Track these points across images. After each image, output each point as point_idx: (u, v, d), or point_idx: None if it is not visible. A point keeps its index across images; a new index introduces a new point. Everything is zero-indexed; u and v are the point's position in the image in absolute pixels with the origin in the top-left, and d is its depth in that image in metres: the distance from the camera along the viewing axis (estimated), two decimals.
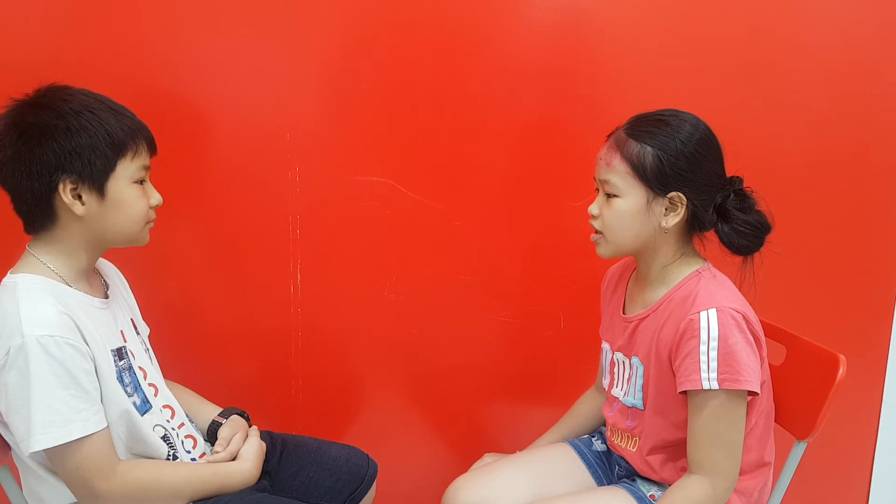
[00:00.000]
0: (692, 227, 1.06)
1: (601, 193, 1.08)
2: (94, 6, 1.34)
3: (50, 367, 0.88)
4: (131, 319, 1.12)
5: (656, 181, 1.02)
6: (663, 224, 1.04)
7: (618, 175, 1.03)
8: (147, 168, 1.01)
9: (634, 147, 1.02)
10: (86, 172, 0.94)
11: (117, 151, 0.96)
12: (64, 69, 1.28)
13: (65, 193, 0.94)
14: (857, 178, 1.58)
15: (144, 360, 1.08)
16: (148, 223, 1.03)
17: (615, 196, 1.04)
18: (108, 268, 1.14)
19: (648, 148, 1.02)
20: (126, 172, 0.97)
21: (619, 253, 1.09)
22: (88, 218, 0.96)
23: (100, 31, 1.35)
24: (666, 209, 1.03)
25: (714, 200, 1.04)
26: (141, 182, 1.00)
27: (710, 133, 1.04)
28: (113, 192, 0.96)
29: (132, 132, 0.97)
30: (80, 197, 0.95)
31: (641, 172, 1.02)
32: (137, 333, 1.11)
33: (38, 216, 0.97)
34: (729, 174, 1.07)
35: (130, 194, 0.98)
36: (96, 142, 0.94)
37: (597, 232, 1.08)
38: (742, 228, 1.03)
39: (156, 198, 1.03)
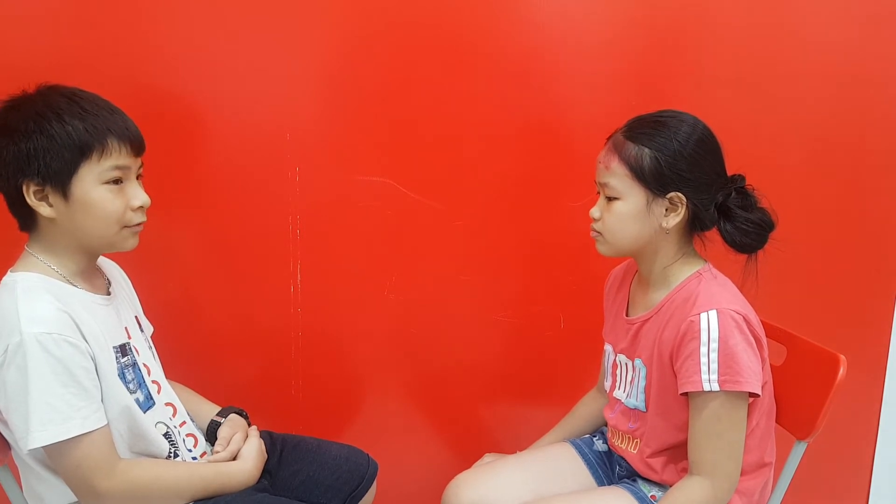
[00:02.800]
0: (693, 226, 1.06)
1: (602, 196, 1.08)
2: (94, 6, 1.34)
3: (48, 365, 0.88)
4: (135, 317, 1.12)
5: (655, 182, 1.02)
6: (664, 224, 1.04)
7: (617, 178, 1.04)
8: (123, 168, 0.97)
9: (632, 149, 1.03)
10: (46, 175, 0.93)
11: (78, 153, 0.94)
12: (64, 69, 1.28)
13: (28, 195, 0.94)
14: (857, 177, 1.58)
15: (148, 358, 1.08)
16: (127, 226, 0.99)
17: (615, 199, 1.04)
18: (110, 266, 1.14)
19: (646, 150, 1.02)
20: (92, 174, 0.95)
21: (620, 252, 1.09)
22: (59, 220, 0.96)
23: (100, 31, 1.35)
24: (666, 210, 1.03)
25: (715, 199, 1.04)
26: (117, 182, 0.97)
27: (708, 133, 1.04)
28: (78, 194, 0.94)
29: (99, 133, 0.94)
30: (46, 199, 0.95)
31: (640, 174, 1.02)
32: (141, 331, 1.12)
33: (21, 217, 0.98)
34: (729, 174, 1.07)
35: (99, 196, 0.96)
36: (53, 144, 0.92)
37: (597, 233, 1.09)
38: (745, 226, 1.03)
39: (140, 198, 0.99)
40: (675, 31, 1.47)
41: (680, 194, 1.02)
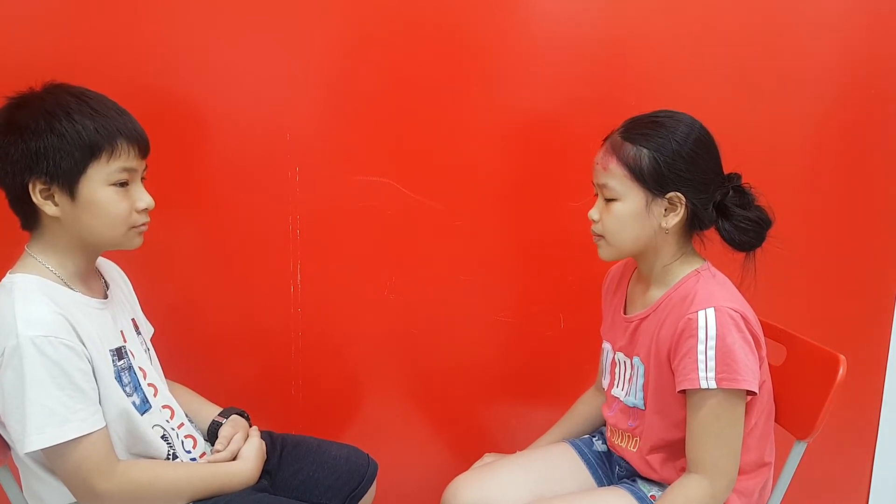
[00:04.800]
0: (692, 226, 1.06)
1: (600, 197, 1.08)
2: (94, 7, 1.34)
3: (45, 367, 0.88)
4: (132, 320, 1.11)
5: (654, 183, 1.02)
6: (663, 224, 1.04)
7: (615, 178, 1.04)
8: (130, 170, 0.98)
9: (630, 150, 1.03)
10: (54, 174, 0.92)
11: (88, 153, 0.93)
12: (65, 70, 1.28)
13: (34, 194, 0.93)
14: (857, 177, 1.58)
15: (144, 361, 1.08)
16: (133, 227, 0.99)
17: (614, 200, 1.04)
18: (109, 268, 1.14)
19: (644, 150, 1.02)
20: (100, 175, 0.95)
21: (622, 255, 1.10)
22: (64, 220, 0.95)
23: (100, 31, 1.35)
24: (665, 209, 1.04)
25: (713, 198, 1.04)
26: (123, 184, 0.97)
27: (705, 132, 1.05)
28: (85, 194, 0.94)
29: (109, 134, 0.94)
30: (52, 198, 0.94)
31: (639, 175, 1.02)
32: (138, 334, 1.11)
33: (24, 215, 0.98)
34: (728, 172, 1.07)
35: (106, 197, 0.95)
36: (63, 143, 0.92)
37: (598, 236, 1.09)
38: (743, 224, 1.03)
39: (145, 201, 1.00)
40: (674, 30, 1.47)
41: (679, 194, 1.02)
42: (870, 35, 1.51)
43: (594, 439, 1.27)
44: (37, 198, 0.94)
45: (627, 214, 1.04)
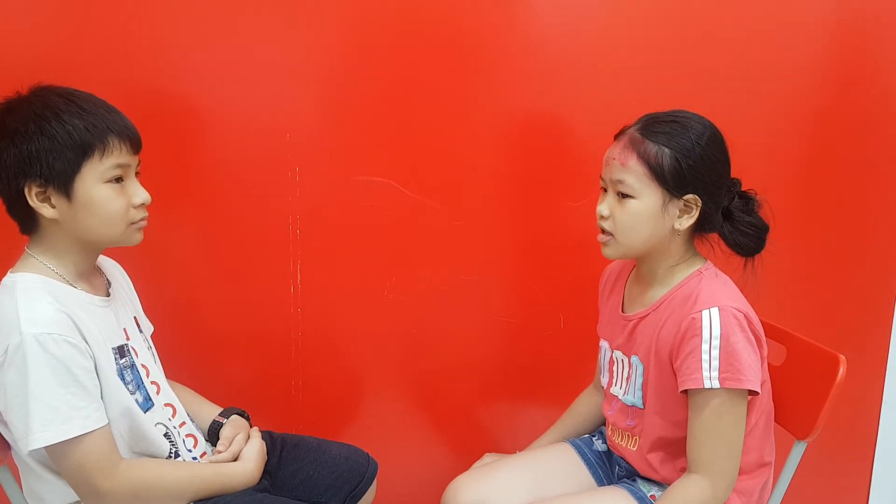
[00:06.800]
0: (700, 228, 1.06)
1: (611, 194, 1.06)
2: (94, 7, 1.34)
3: (48, 365, 0.88)
4: (134, 317, 1.11)
5: (674, 183, 1.01)
6: (677, 226, 1.03)
7: (634, 176, 1.02)
8: (124, 166, 0.98)
9: (652, 148, 1.01)
10: (48, 175, 0.93)
11: (80, 152, 0.93)
12: (64, 70, 1.28)
13: (31, 197, 0.93)
14: (857, 177, 1.58)
15: (147, 358, 1.08)
16: (132, 223, 1.00)
17: (630, 197, 1.03)
18: (111, 266, 1.13)
19: (666, 150, 1.01)
20: (94, 173, 0.95)
21: (629, 255, 1.08)
22: (63, 220, 0.95)
23: (99, 31, 1.35)
24: (680, 211, 1.03)
25: (722, 202, 1.04)
26: (118, 181, 0.97)
27: (721, 136, 1.05)
28: (81, 193, 0.94)
29: (99, 131, 0.94)
30: (49, 200, 0.94)
31: (659, 174, 1.01)
32: (140, 331, 1.11)
33: (21, 219, 0.98)
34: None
35: (102, 195, 0.96)
36: (55, 144, 0.92)
37: (605, 233, 1.07)
38: (746, 230, 1.04)
39: (141, 196, 1.00)
40: (674, 30, 1.47)
41: (696, 196, 1.02)
42: (870, 35, 1.51)
43: (594, 439, 1.27)
44: (33, 201, 0.94)
45: (643, 213, 1.03)
